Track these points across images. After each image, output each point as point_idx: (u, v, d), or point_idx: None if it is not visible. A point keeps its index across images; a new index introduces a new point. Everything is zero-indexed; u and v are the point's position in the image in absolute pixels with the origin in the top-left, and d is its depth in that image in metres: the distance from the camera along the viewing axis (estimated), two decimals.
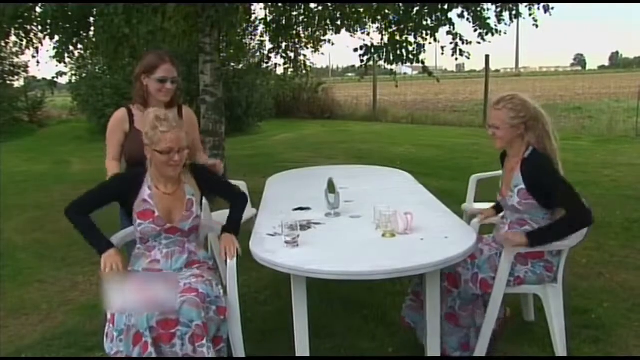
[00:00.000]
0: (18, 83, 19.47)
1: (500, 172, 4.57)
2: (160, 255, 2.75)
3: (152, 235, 2.73)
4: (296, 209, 3.26)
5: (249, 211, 4.55)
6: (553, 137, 2.83)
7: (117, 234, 2.88)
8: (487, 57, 14.99)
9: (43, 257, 5.15)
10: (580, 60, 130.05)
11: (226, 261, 2.75)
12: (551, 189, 2.74)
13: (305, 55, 9.11)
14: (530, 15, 6.81)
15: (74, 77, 15.57)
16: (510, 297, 3.04)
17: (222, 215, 4.31)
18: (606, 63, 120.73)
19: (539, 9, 6.72)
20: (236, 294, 2.71)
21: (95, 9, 5.80)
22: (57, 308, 4.00)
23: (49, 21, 5.56)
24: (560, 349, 2.89)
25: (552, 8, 6.64)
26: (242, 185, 4.66)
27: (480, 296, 2.91)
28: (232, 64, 13.35)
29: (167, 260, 2.74)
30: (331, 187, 3.14)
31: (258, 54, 11.36)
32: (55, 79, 7.17)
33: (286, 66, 8.98)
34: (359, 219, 3.02)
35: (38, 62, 7.51)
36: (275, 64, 9.50)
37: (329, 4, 7.74)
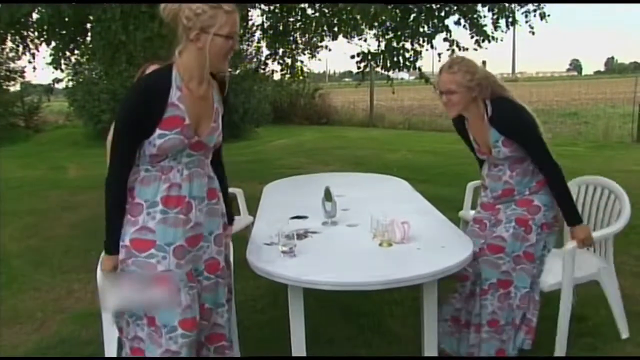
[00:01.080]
0: (14, 88, 19.45)
1: None
2: (180, 177, 2.21)
3: (174, 151, 2.17)
4: (293, 218, 3.24)
5: (245, 218, 4.57)
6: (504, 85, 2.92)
7: None
8: (483, 62, 14.90)
9: (38, 264, 5.12)
10: (576, 65, 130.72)
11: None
12: (524, 143, 2.84)
13: (302, 62, 9.12)
14: (526, 22, 6.84)
15: (70, 82, 15.54)
16: None
17: None
18: (602, 68, 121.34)
19: (535, 16, 6.74)
20: (234, 316, 2.71)
21: (91, 15, 5.79)
22: (52, 316, 3.98)
23: (45, 27, 5.53)
24: (622, 326, 3.29)
25: (549, 15, 6.67)
26: (238, 192, 4.67)
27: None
28: (229, 70, 13.35)
29: (188, 184, 2.23)
30: (328, 196, 3.13)
31: (255, 59, 11.38)
32: (52, 86, 7.16)
33: (283, 72, 8.97)
34: (356, 228, 3.01)
35: (34, 67, 7.49)
36: (273, 70, 9.52)
37: (326, 10, 7.75)
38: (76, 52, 6.80)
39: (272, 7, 8.16)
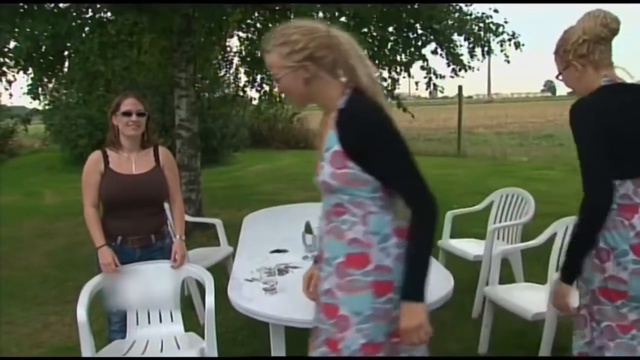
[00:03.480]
0: None
1: (475, 207, 4.71)
2: None
3: None
4: (273, 251, 3.25)
5: (225, 249, 4.57)
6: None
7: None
8: (460, 87, 15.26)
9: (12, 296, 5.01)
10: (550, 86, 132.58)
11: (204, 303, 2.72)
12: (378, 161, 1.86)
13: None
14: (501, 51, 6.97)
15: (46, 107, 15.39)
16: None
17: (197, 254, 4.30)
18: None
19: (510, 45, 6.87)
20: (215, 349, 2.73)
21: (70, 46, 5.79)
22: (28, 351, 3.91)
23: (23, 57, 5.51)
24: None
25: (523, 45, 6.81)
26: (217, 223, 4.68)
27: None
28: (206, 94, 13.36)
29: None
30: (308, 229, 3.15)
31: (233, 85, 11.41)
32: (29, 117, 7.12)
33: (261, 98, 9.01)
34: None
35: (11, 94, 7.42)
36: (251, 98, 9.55)
37: None
38: (54, 80, 6.76)
39: (249, 35, 8.23)
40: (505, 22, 6.94)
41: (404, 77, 7.25)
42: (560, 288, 2.22)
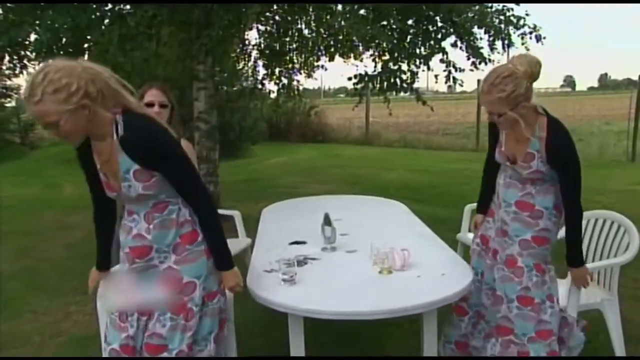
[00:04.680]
0: (10, 105, 19.44)
1: None
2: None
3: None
4: (292, 243, 3.25)
5: (243, 241, 4.57)
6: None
7: None
8: (479, 81, 15.09)
9: (34, 287, 5.08)
10: (569, 81, 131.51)
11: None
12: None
13: (298, 81, 9.15)
14: (522, 44, 6.88)
15: None
16: None
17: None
18: (595, 84, 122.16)
19: (530, 38, 6.78)
20: (234, 339, 2.78)
21: (90, 38, 5.82)
22: (49, 340, 3.95)
23: (44, 49, 5.55)
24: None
25: (544, 37, 6.71)
26: (236, 215, 4.68)
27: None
28: (225, 87, 13.39)
29: None
30: (327, 221, 3.14)
31: (251, 78, 11.41)
32: None
33: (280, 91, 9.00)
34: (355, 254, 3.01)
35: None
36: (269, 91, 9.55)
37: (322, 31, 7.81)
38: None
39: (268, 28, 8.22)
40: (527, 15, 6.85)
41: (423, 71, 7.19)
42: (585, 270, 2.79)
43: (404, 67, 7.02)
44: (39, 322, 4.30)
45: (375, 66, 7.29)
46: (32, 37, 6.10)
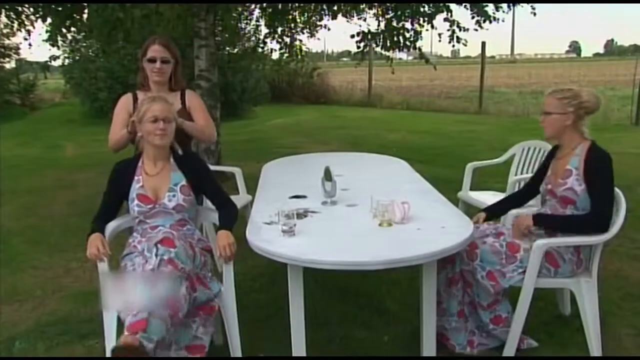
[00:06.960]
0: (9, 65, 19.31)
1: (496, 160, 4.65)
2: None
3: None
4: (292, 197, 3.24)
5: (244, 197, 4.57)
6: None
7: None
8: (483, 44, 14.96)
9: (37, 243, 5.11)
10: (575, 47, 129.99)
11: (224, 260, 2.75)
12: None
13: (301, 40, 9.05)
14: (528, 2, 6.77)
15: (67, 60, 15.40)
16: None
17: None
18: (601, 50, 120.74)
19: None
20: (233, 296, 2.78)
21: None
22: (50, 294, 3.98)
23: (40, 4, 5.46)
24: (595, 346, 2.86)
25: None
26: (237, 171, 4.67)
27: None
28: (227, 48, 13.26)
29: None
30: (328, 175, 3.12)
31: (253, 38, 11.28)
32: (49, 63, 7.11)
33: (282, 51, 8.91)
34: (356, 208, 3.01)
35: (30, 44, 7.43)
36: (271, 49, 9.45)
37: None
38: (72, 29, 6.72)
39: None
40: None
41: (427, 30, 7.09)
42: (527, 219, 2.85)
43: (408, 25, 6.93)
44: (41, 277, 4.33)
45: (378, 25, 7.20)
46: None
